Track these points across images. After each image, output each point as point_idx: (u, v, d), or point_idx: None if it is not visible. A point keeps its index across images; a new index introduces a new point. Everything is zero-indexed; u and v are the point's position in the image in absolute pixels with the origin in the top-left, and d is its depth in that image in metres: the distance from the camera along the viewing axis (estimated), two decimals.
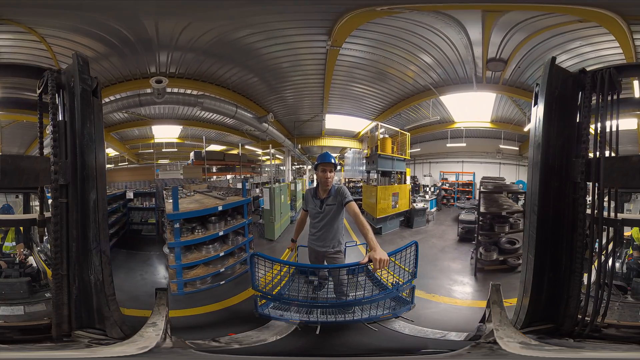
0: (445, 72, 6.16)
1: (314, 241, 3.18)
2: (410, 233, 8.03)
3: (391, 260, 2.57)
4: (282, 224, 8.07)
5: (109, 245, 2.67)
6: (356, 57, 5.70)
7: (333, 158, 3.07)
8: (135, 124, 8.69)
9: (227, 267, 4.98)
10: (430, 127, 9.02)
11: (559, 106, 2.41)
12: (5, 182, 2.13)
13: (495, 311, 2.54)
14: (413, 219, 8.44)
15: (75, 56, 2.36)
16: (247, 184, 10.60)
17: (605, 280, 2.28)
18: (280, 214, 7.92)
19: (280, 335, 2.93)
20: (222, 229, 5.04)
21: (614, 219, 2.26)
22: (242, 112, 7.13)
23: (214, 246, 5.05)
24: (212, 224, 5.05)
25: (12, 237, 3.55)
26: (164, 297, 2.71)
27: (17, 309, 2.92)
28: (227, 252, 5.08)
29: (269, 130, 8.06)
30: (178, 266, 4.52)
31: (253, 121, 7.53)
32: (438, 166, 11.43)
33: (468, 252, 6.15)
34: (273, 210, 7.34)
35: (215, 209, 5.00)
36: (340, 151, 12.92)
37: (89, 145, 2.40)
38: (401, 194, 8.37)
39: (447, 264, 5.89)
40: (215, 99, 6.50)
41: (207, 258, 4.82)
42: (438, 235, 7.91)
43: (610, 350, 2.17)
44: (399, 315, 3.06)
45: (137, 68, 5.53)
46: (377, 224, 7.66)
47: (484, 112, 8.16)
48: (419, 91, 7.15)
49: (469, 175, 10.82)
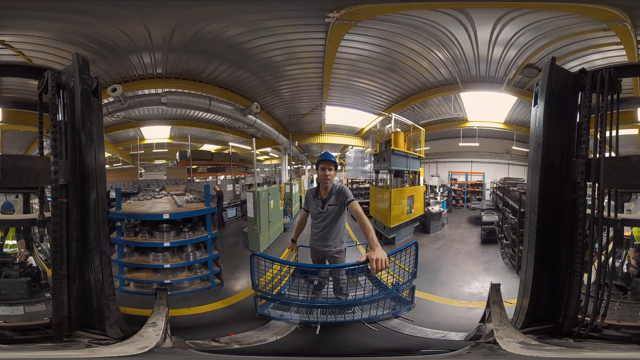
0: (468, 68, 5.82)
1: (316, 241, 3.18)
2: (429, 239, 7.40)
3: (391, 260, 2.57)
4: (271, 234, 6.89)
5: (109, 245, 2.67)
6: (364, 43, 5.12)
7: (333, 157, 3.08)
8: (123, 127, 8.57)
9: (175, 281, 4.57)
10: (441, 125, 8.49)
11: (559, 106, 2.41)
12: (5, 182, 2.13)
13: (495, 311, 2.55)
14: (429, 224, 7.71)
15: (75, 56, 2.35)
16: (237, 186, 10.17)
17: (605, 280, 2.28)
18: (269, 222, 6.74)
19: (280, 335, 2.93)
20: (170, 240, 4.54)
21: (614, 219, 2.26)
22: (218, 104, 6.47)
23: (164, 255, 4.65)
24: (159, 232, 4.61)
25: (13, 237, 3.55)
26: (164, 297, 2.71)
27: (17, 309, 2.92)
28: (176, 265, 4.61)
29: (256, 123, 7.30)
30: (119, 262, 4.50)
31: (235, 113, 6.78)
32: (446, 166, 11.02)
33: (496, 253, 6.04)
34: (258, 218, 6.21)
35: (159, 216, 4.51)
36: (341, 150, 12.45)
37: (89, 145, 2.40)
38: (416, 196, 7.54)
39: (484, 267, 5.69)
40: (182, 94, 6.07)
41: (149, 265, 4.54)
42: (459, 239, 7.46)
43: (610, 350, 2.17)
44: (399, 315, 3.06)
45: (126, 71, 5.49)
46: (390, 233, 6.63)
47: (499, 113, 7.84)
48: (439, 84, 6.53)
49: (479, 175, 10.53)
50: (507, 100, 7.08)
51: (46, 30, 4.21)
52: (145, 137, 10.23)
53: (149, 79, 5.81)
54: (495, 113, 7.89)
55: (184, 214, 4.72)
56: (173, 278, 4.62)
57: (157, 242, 4.55)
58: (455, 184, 10.87)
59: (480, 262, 6.00)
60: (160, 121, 8.62)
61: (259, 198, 6.28)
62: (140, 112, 7.88)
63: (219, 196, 8.10)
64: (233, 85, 6.53)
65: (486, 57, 5.36)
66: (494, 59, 5.37)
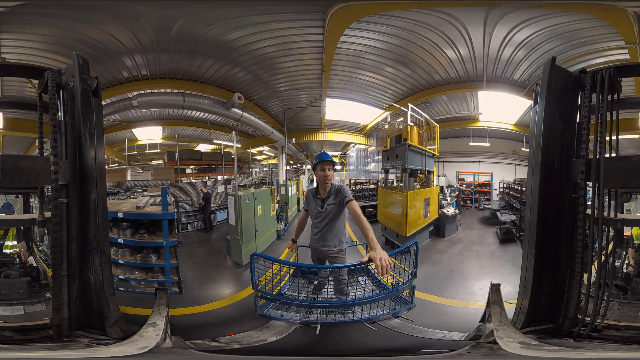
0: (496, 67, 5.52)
1: (316, 241, 3.19)
2: (447, 244, 6.93)
3: (391, 260, 2.57)
4: (260, 244, 5.90)
5: (109, 245, 2.67)
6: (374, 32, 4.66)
7: (330, 157, 3.09)
8: (114, 129, 8.36)
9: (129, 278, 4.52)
10: (452, 123, 8.07)
11: (559, 106, 2.41)
12: (5, 182, 2.13)
13: (495, 311, 2.55)
14: (445, 227, 7.15)
15: (75, 56, 2.36)
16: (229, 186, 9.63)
17: (605, 280, 2.28)
18: (255, 232, 5.77)
19: (280, 335, 2.93)
20: (124, 238, 4.55)
21: (614, 219, 2.26)
22: (194, 99, 6.03)
23: (122, 251, 4.62)
24: (117, 229, 4.58)
25: (13, 237, 3.55)
26: (164, 297, 2.72)
27: (17, 309, 2.92)
28: (130, 264, 4.53)
29: (244, 117, 6.66)
30: None
31: (215, 107, 6.24)
32: (453, 166, 10.65)
33: (518, 250, 5.93)
34: (239, 227, 5.33)
35: (114, 214, 4.42)
36: (342, 148, 12.17)
37: (89, 145, 2.40)
38: (431, 199, 6.97)
39: (512, 265, 5.53)
40: (153, 94, 5.81)
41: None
42: (477, 241, 7.14)
43: (610, 350, 2.17)
44: (399, 315, 3.06)
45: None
46: (406, 242, 5.62)
47: (511, 114, 7.57)
48: (454, 81, 6.10)
49: (486, 175, 10.32)
50: (522, 103, 6.87)
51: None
52: (138, 139, 10.09)
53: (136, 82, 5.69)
54: (507, 114, 7.62)
55: (136, 215, 4.62)
56: (128, 275, 4.56)
57: (114, 237, 4.51)
58: (462, 184, 10.74)
59: (506, 261, 5.89)
60: (152, 122, 8.39)
61: (240, 203, 5.35)
62: (132, 114, 7.79)
63: (206, 198, 7.76)
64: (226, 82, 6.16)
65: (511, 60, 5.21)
66: (516, 61, 5.22)
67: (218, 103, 6.22)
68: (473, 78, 5.96)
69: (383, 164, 7.27)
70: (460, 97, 6.91)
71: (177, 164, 9.70)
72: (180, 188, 8.69)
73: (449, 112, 7.44)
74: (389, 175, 7.46)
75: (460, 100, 7.11)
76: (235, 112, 6.41)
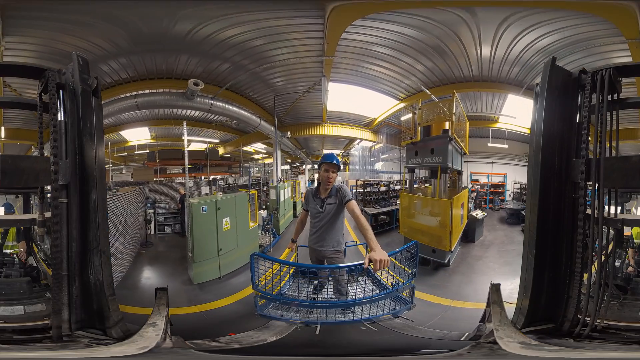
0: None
1: (314, 241, 3.18)
2: (480, 248, 6.51)
3: (391, 260, 2.57)
4: (224, 265, 4.64)
5: (109, 245, 2.67)
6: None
7: (338, 160, 3.09)
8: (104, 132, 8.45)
9: None
10: (474, 123, 7.68)
11: (559, 106, 2.41)
12: (5, 182, 2.13)
13: (495, 311, 2.55)
14: (475, 231, 6.68)
15: (75, 56, 2.36)
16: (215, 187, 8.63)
17: (605, 281, 2.27)
18: (219, 250, 4.49)
19: (280, 335, 2.93)
20: None
21: (614, 219, 2.26)
22: (147, 98, 5.59)
23: None
24: None
25: (13, 237, 3.55)
26: (164, 297, 2.71)
27: (17, 309, 2.91)
28: None
29: (214, 106, 5.80)
30: None
31: (174, 101, 5.54)
32: (466, 166, 10.92)
33: None
34: (191, 243, 4.22)
35: None
36: (345, 146, 11.16)
37: (89, 145, 2.40)
38: (465, 203, 6.35)
39: None
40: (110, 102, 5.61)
41: None
42: (507, 241, 6.93)
43: (610, 350, 2.17)
44: (399, 315, 3.06)
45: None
46: (444, 257, 4.88)
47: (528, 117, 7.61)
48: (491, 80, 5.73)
49: (499, 176, 10.33)
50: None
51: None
52: (128, 140, 9.98)
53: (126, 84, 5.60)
54: (523, 117, 7.56)
55: None
56: None
57: None
58: (477, 185, 10.67)
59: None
60: (138, 123, 8.27)
61: (192, 214, 4.16)
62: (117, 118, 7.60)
63: (183, 200, 7.07)
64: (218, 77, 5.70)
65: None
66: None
67: (176, 95, 5.50)
68: (503, 79, 5.58)
69: (407, 161, 6.09)
70: (483, 96, 6.64)
71: (156, 164, 9.52)
72: (158, 188, 8.33)
73: (472, 110, 7.15)
74: (413, 174, 6.36)
75: (484, 99, 6.92)
76: (203, 102, 5.61)
